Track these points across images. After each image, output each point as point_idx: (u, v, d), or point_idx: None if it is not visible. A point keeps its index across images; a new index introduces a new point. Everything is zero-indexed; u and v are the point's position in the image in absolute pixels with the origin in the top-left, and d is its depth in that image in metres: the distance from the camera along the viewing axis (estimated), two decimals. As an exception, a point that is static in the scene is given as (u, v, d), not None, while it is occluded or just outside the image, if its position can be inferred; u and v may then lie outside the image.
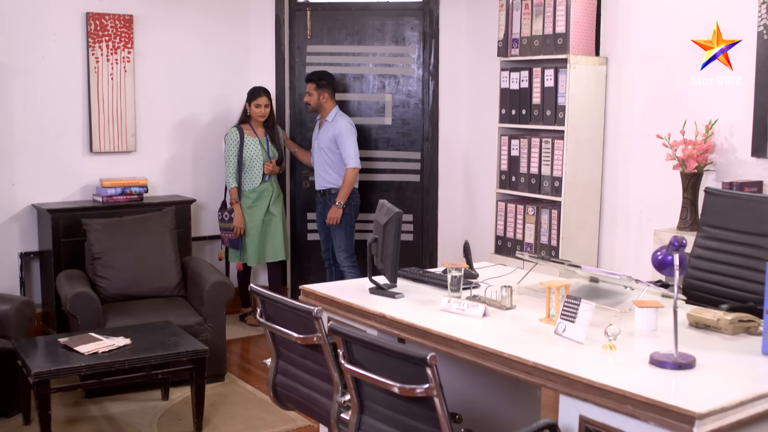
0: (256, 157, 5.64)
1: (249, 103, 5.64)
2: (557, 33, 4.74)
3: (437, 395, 2.11)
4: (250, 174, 5.66)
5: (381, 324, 3.06)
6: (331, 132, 5.59)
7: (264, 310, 2.89)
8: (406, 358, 2.14)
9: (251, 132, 5.68)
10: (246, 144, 5.63)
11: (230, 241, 5.70)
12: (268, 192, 5.74)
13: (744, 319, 2.80)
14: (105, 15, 5.36)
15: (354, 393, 2.42)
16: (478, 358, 2.65)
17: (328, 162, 5.62)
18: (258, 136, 5.68)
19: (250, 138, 5.65)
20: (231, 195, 5.67)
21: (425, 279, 3.54)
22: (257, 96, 5.63)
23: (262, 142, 5.67)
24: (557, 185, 4.79)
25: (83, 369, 3.68)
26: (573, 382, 2.34)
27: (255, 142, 5.65)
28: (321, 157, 5.65)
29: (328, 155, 5.61)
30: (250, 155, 5.64)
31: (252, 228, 5.69)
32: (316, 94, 5.61)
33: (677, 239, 2.43)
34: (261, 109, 5.62)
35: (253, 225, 5.69)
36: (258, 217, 5.71)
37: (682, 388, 2.27)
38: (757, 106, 4.06)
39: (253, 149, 5.65)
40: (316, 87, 5.61)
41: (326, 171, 5.65)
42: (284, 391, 2.93)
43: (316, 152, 5.70)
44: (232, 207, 5.68)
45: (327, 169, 5.64)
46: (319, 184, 5.71)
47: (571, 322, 2.69)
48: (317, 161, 5.69)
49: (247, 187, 5.68)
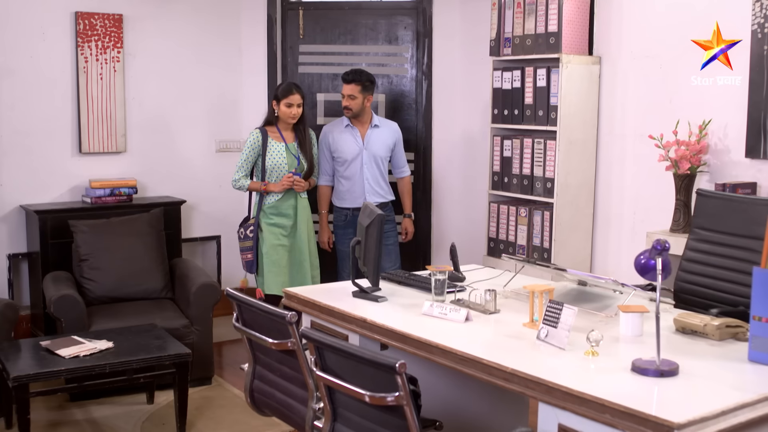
0: (280, 166, 4.80)
1: (278, 101, 4.79)
2: (550, 32, 4.67)
3: (407, 404, 2.04)
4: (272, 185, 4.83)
5: (362, 328, 3.00)
6: (389, 137, 5.07)
7: (240, 315, 2.83)
8: (376, 366, 2.07)
9: (278, 136, 4.82)
10: (270, 149, 4.78)
11: (246, 263, 4.88)
12: (292, 208, 4.85)
13: (732, 325, 2.73)
14: (94, 14, 5.30)
15: (327, 400, 2.36)
16: (457, 364, 2.59)
17: (381, 173, 5.05)
18: (286, 141, 4.83)
19: (276, 143, 4.80)
20: (253, 187, 4.81)
21: (410, 282, 3.48)
22: (289, 93, 4.78)
23: (290, 149, 4.82)
24: (549, 186, 4.72)
25: (63, 373, 3.63)
26: (552, 390, 2.28)
27: (281, 148, 4.81)
28: (375, 169, 5.01)
29: (381, 165, 5.04)
30: (273, 163, 4.78)
31: (270, 251, 4.78)
32: (361, 97, 4.94)
33: (660, 243, 2.37)
34: (293, 109, 4.77)
35: (272, 247, 4.79)
36: (278, 239, 4.82)
37: (664, 397, 2.21)
38: (751, 106, 3.99)
39: (277, 156, 4.79)
40: (362, 89, 4.94)
41: (379, 184, 5.05)
42: (261, 396, 2.87)
43: (366, 165, 4.98)
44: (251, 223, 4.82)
45: (380, 181, 5.05)
46: (371, 200, 4.91)
47: (553, 327, 2.62)
48: (370, 175, 5.00)
49: (267, 200, 4.83)
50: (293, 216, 4.84)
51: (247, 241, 4.82)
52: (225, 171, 5.73)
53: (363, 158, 4.98)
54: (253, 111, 5.76)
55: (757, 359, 2.43)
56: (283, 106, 4.76)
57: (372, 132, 5.00)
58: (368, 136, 5.00)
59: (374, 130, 5.01)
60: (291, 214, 4.83)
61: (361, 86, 4.93)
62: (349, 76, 4.95)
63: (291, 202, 4.83)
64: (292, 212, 4.84)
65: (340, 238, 5.09)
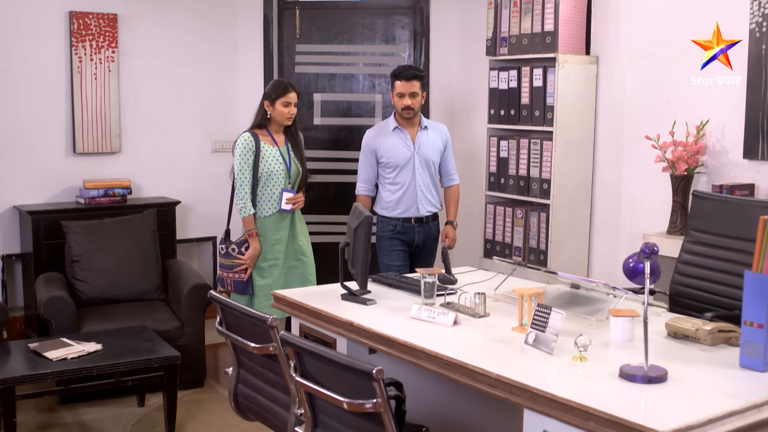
0: (277, 173, 4.36)
1: (272, 100, 4.38)
2: (546, 31, 4.62)
3: (385, 411, 1.99)
4: (268, 195, 4.39)
5: (349, 332, 2.95)
6: (439, 139, 4.55)
7: (224, 318, 2.79)
8: (354, 372, 2.02)
9: (269, 139, 4.40)
10: (264, 155, 4.33)
11: (234, 283, 4.37)
12: (288, 221, 4.47)
13: (725, 329, 2.67)
14: (88, 14, 5.27)
15: (307, 406, 2.31)
16: (443, 369, 2.54)
17: (432, 179, 4.55)
18: (278, 145, 4.43)
19: (269, 147, 4.37)
20: (246, 224, 4.32)
21: (401, 285, 3.43)
22: (286, 91, 4.37)
23: (282, 153, 4.42)
24: (546, 187, 4.67)
25: (49, 375, 3.59)
26: (536, 396, 2.22)
27: (275, 152, 4.38)
28: (426, 175, 4.51)
29: (432, 170, 4.55)
30: (269, 169, 4.34)
31: (267, 269, 4.39)
32: (422, 94, 4.45)
33: (648, 246, 2.31)
34: (291, 109, 4.38)
35: (270, 265, 4.40)
36: (276, 255, 4.42)
37: (650, 404, 2.15)
38: (749, 106, 3.93)
39: (273, 162, 4.36)
40: (421, 86, 4.43)
41: (431, 191, 4.55)
42: (245, 401, 2.83)
43: (418, 170, 4.48)
44: (244, 239, 4.34)
45: (432, 188, 4.56)
46: (424, 209, 4.52)
47: (541, 332, 2.57)
48: (422, 182, 4.50)
49: (262, 212, 4.37)
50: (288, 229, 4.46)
51: (231, 258, 4.36)
52: (221, 171, 5.70)
53: (415, 163, 4.48)
54: (249, 111, 5.59)
55: (748, 365, 2.37)
56: (279, 105, 4.36)
57: (422, 134, 4.50)
58: (419, 139, 4.49)
59: (423, 132, 4.51)
60: (285, 228, 4.45)
61: (422, 82, 4.42)
62: (410, 72, 4.39)
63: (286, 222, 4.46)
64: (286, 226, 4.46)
65: (385, 251, 4.54)
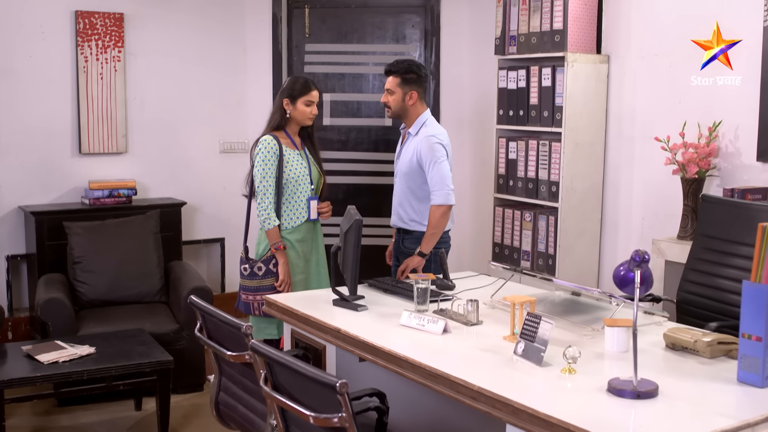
0: (301, 178, 3.90)
1: (293, 99, 3.91)
2: (555, 29, 4.49)
3: (350, 426, 1.89)
4: (294, 204, 3.91)
5: (337, 339, 2.86)
6: (413, 150, 3.90)
7: (204, 325, 2.71)
8: (320, 384, 1.93)
9: (289, 142, 3.93)
10: (288, 160, 3.87)
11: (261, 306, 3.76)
12: (312, 233, 4.01)
13: (725, 341, 2.53)
14: (94, 13, 5.23)
15: (279, 418, 2.22)
16: (425, 379, 2.44)
17: (411, 192, 3.94)
18: (298, 148, 3.97)
19: (291, 151, 3.90)
20: (271, 238, 3.82)
21: (396, 290, 3.33)
22: (309, 90, 3.91)
23: (301, 156, 3.97)
24: (554, 190, 4.54)
25: (39, 379, 3.53)
26: (518, 411, 2.11)
27: (297, 156, 3.92)
28: (404, 186, 3.97)
29: (410, 183, 3.93)
30: (295, 175, 3.88)
31: (298, 283, 3.93)
32: (399, 92, 3.92)
33: (638, 254, 2.19)
34: (313, 108, 3.93)
35: (300, 279, 3.93)
36: (304, 269, 3.97)
37: (637, 422, 2.03)
38: (762, 107, 3.77)
39: (297, 167, 3.90)
40: (400, 82, 3.92)
41: (403, 206, 3.98)
42: (226, 409, 2.75)
43: (396, 179, 4.05)
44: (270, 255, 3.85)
45: (405, 203, 3.97)
46: (394, 219, 4.05)
47: (530, 342, 2.46)
48: (398, 191, 4.02)
49: (289, 223, 3.90)
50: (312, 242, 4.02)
51: (267, 279, 3.88)
52: (229, 172, 5.64)
53: (395, 170, 4.10)
54: (258, 111, 5.63)
55: (746, 380, 2.24)
56: (301, 104, 3.90)
57: (408, 141, 3.97)
58: (404, 145, 4.01)
59: (410, 139, 3.96)
60: (309, 240, 4.01)
61: (400, 78, 3.92)
62: (387, 67, 4.01)
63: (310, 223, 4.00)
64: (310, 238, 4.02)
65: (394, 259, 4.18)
